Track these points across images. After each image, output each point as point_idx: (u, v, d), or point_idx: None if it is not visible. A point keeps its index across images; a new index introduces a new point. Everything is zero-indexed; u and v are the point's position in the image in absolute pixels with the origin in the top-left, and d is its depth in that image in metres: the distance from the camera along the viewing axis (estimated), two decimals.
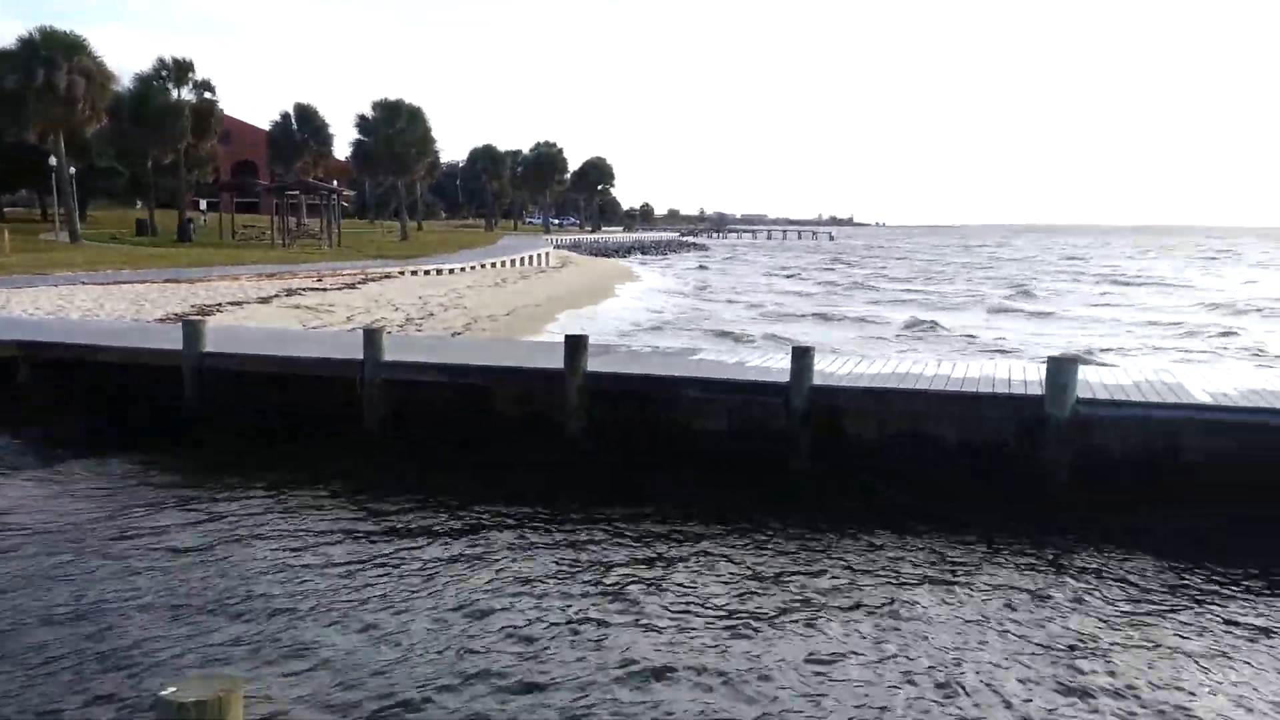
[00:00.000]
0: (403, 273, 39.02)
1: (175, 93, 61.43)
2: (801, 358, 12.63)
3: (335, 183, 71.89)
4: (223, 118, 67.57)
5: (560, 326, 28.81)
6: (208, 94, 63.11)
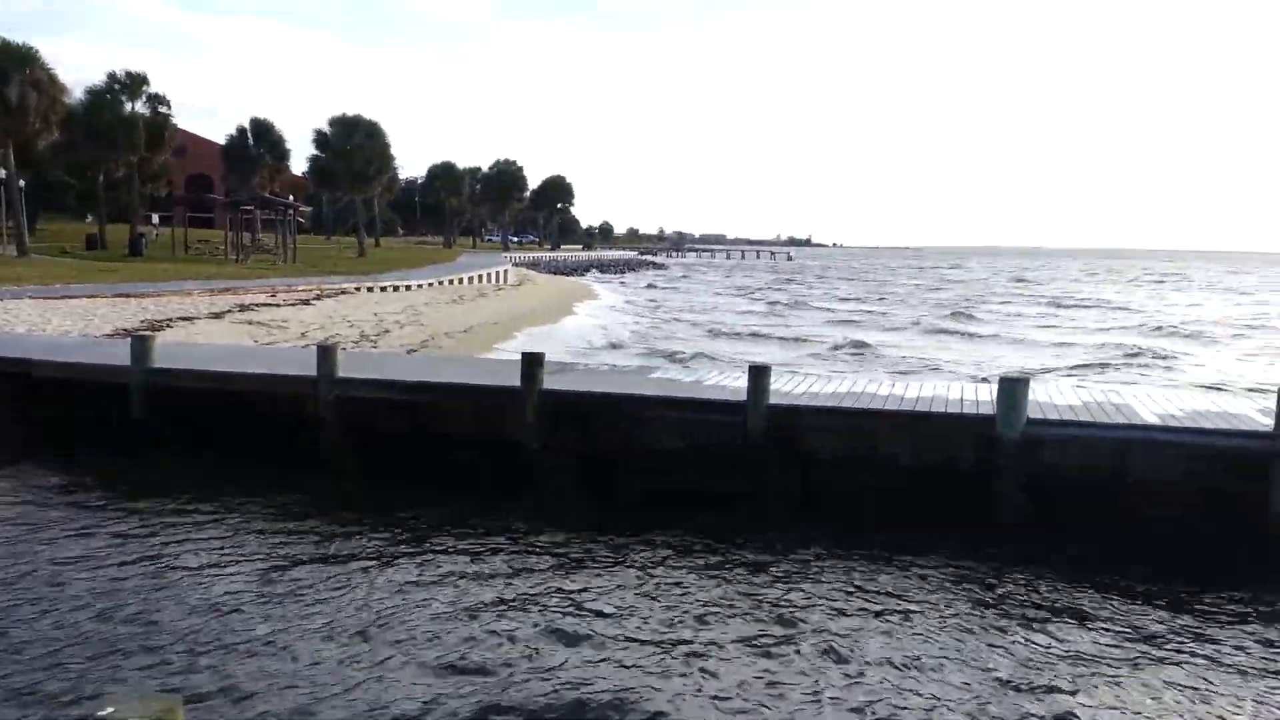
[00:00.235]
0: (359, 289, 38.70)
1: (129, 106, 60.66)
2: (758, 376, 12.68)
3: (292, 198, 71.19)
4: (177, 131, 66.79)
5: (518, 344, 28.69)
6: (162, 107, 62.40)
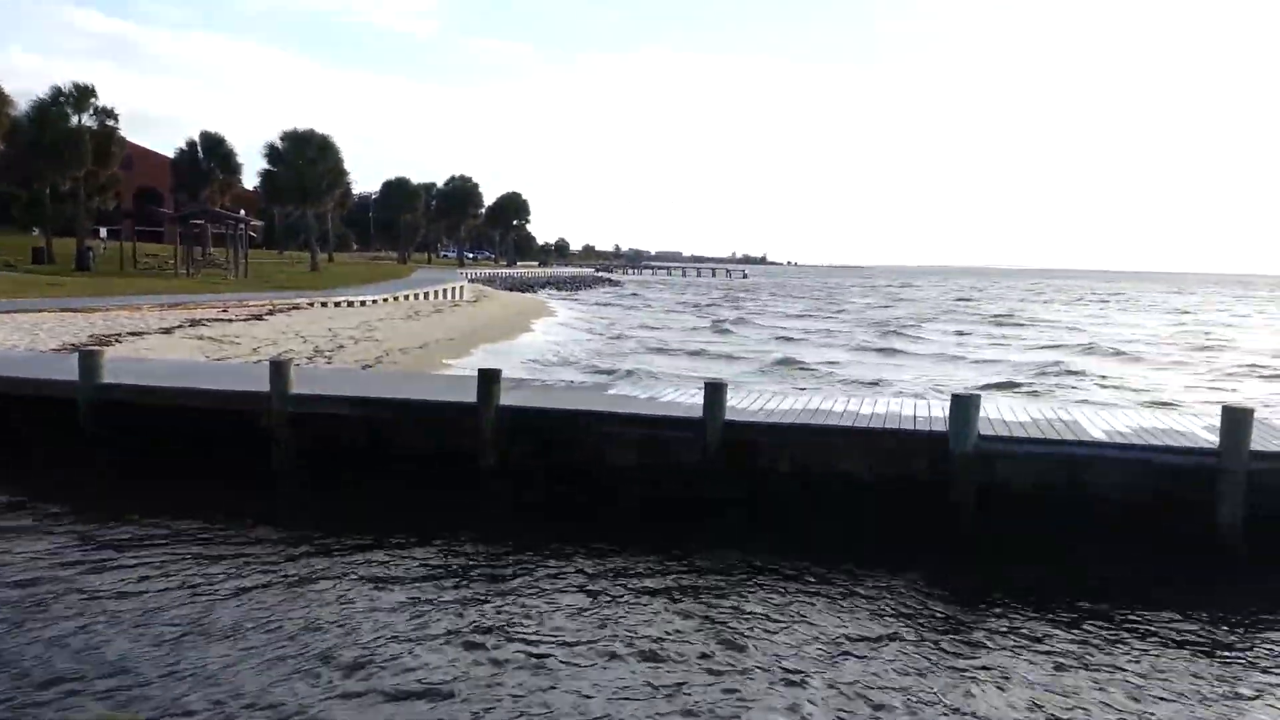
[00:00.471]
0: (312, 304, 38.34)
1: (75, 118, 59.65)
2: (715, 393, 12.76)
3: (243, 212, 70.34)
4: (125, 144, 65.77)
5: (475, 361, 28.55)
6: (109, 120, 61.41)
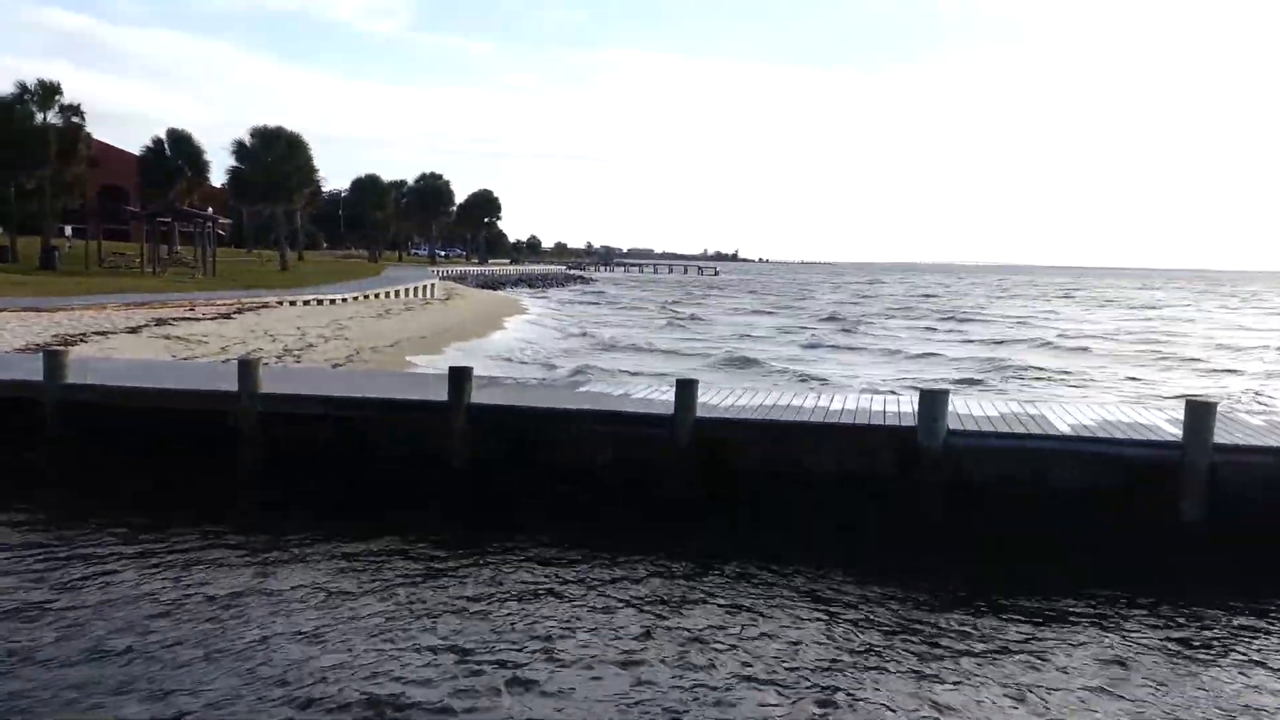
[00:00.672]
0: (281, 303, 38.05)
1: (41, 116, 58.81)
2: (685, 390, 12.80)
3: (211, 210, 69.62)
4: (91, 141, 64.92)
5: (448, 359, 28.46)
6: (75, 117, 60.58)
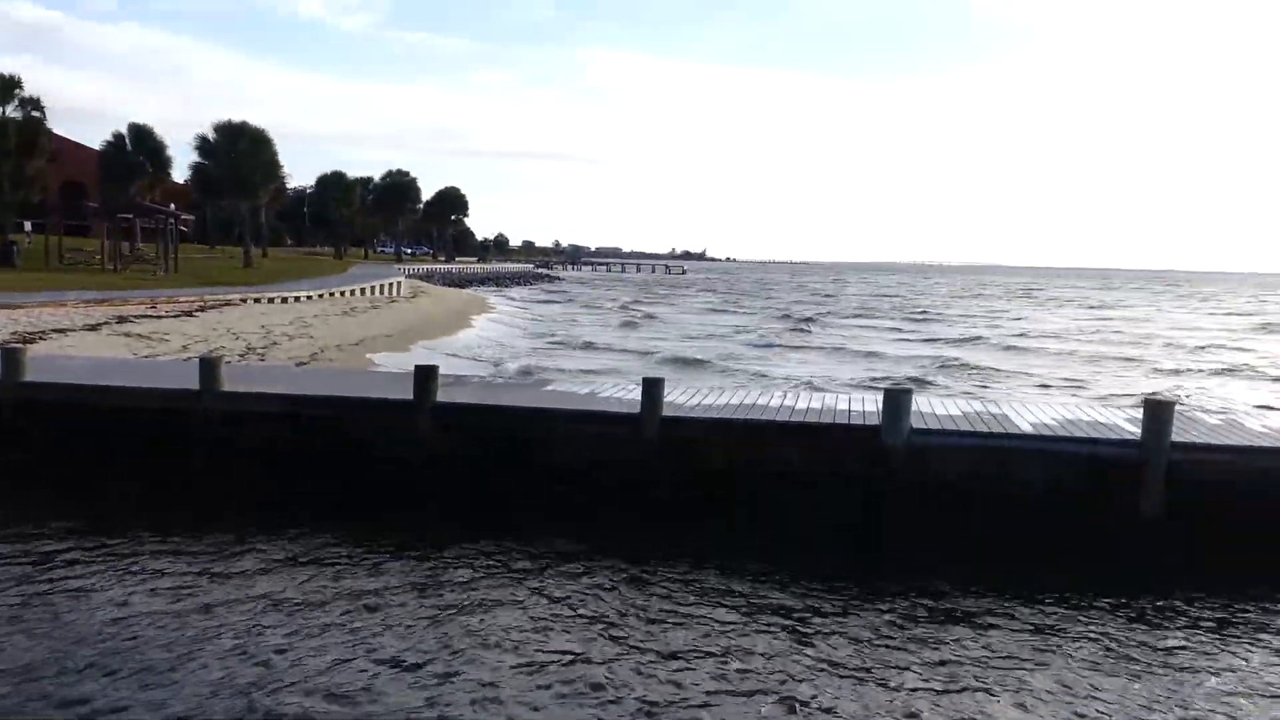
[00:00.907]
0: (245, 300, 37.63)
1: (0, 109, 57.84)
2: (652, 388, 12.81)
3: (173, 206, 68.74)
4: (52, 136, 63.90)
5: (413, 358, 28.30)
6: (35, 111, 59.59)
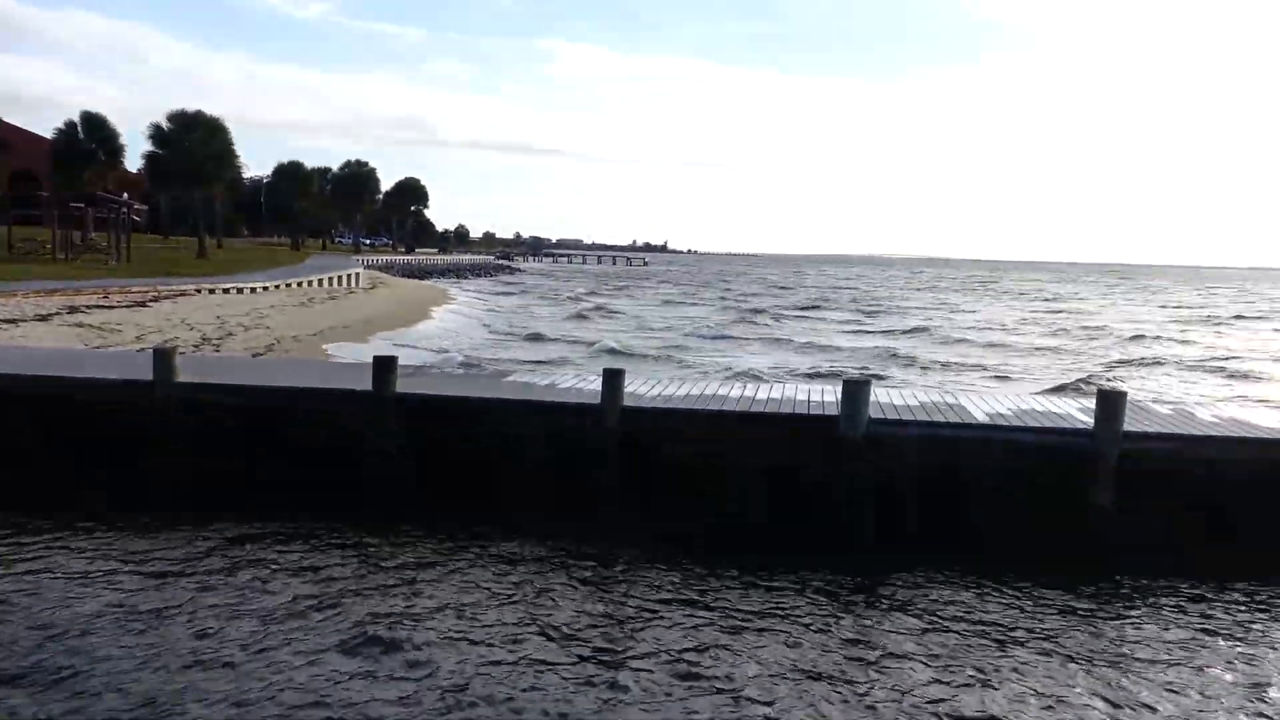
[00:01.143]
0: (199, 290, 37.10)
1: None
2: (613, 379, 12.80)
3: (127, 196, 67.61)
4: (1, 124, 62.64)
5: (371, 349, 28.06)
6: None
